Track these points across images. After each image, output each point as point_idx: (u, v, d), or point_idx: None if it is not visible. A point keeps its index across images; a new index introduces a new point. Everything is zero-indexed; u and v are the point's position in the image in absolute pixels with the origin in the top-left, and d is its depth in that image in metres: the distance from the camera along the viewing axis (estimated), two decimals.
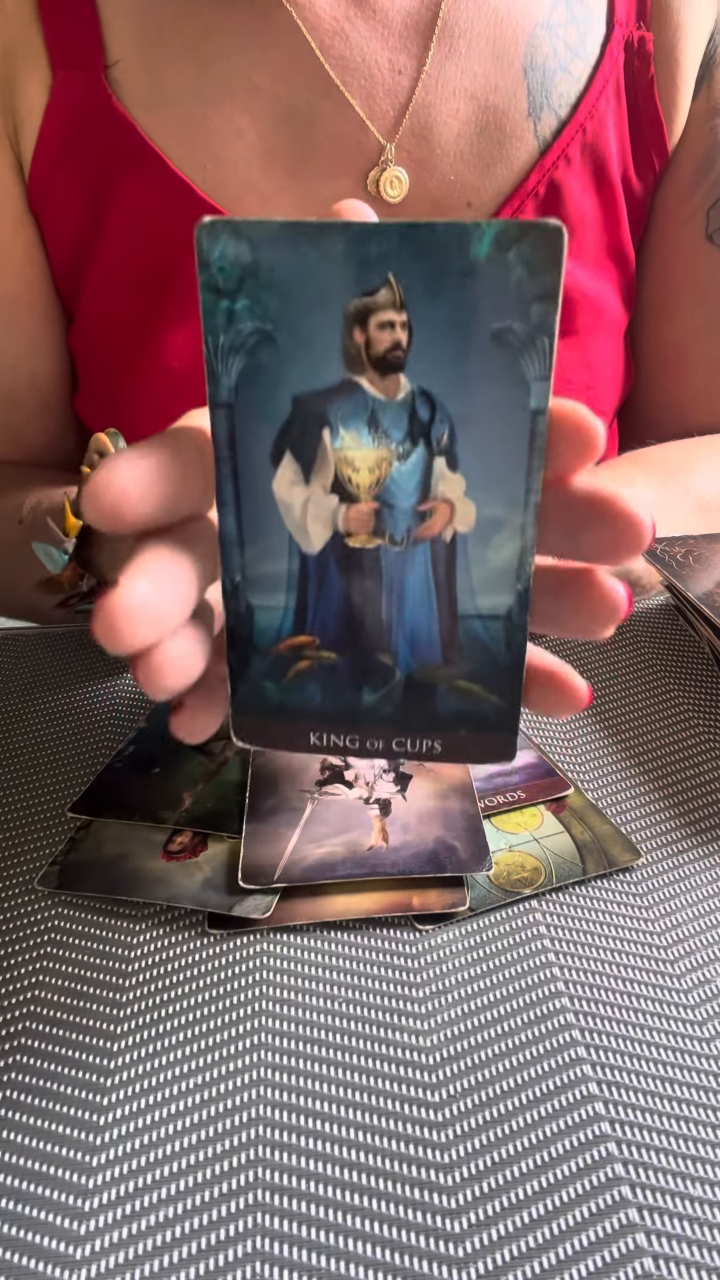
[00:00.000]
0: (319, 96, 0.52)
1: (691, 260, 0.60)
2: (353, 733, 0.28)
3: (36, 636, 0.51)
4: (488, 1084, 0.26)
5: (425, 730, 0.27)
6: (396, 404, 0.23)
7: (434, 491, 0.24)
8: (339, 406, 0.24)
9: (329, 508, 0.25)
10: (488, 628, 0.25)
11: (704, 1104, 0.26)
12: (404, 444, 0.24)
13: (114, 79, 0.52)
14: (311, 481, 0.24)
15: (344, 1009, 0.29)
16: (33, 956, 0.31)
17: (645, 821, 0.36)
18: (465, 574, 0.25)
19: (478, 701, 0.26)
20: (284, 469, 0.24)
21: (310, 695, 0.27)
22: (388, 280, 0.22)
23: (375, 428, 0.24)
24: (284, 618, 0.26)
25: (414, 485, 0.24)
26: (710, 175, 0.58)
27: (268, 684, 0.27)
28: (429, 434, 0.24)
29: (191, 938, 0.31)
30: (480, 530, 0.24)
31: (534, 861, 0.34)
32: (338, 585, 0.26)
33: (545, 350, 0.22)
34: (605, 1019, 0.28)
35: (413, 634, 0.26)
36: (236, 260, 0.22)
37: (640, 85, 0.56)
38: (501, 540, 0.24)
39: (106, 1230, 0.23)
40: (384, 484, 0.24)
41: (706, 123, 0.58)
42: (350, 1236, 0.23)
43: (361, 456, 0.24)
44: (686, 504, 0.53)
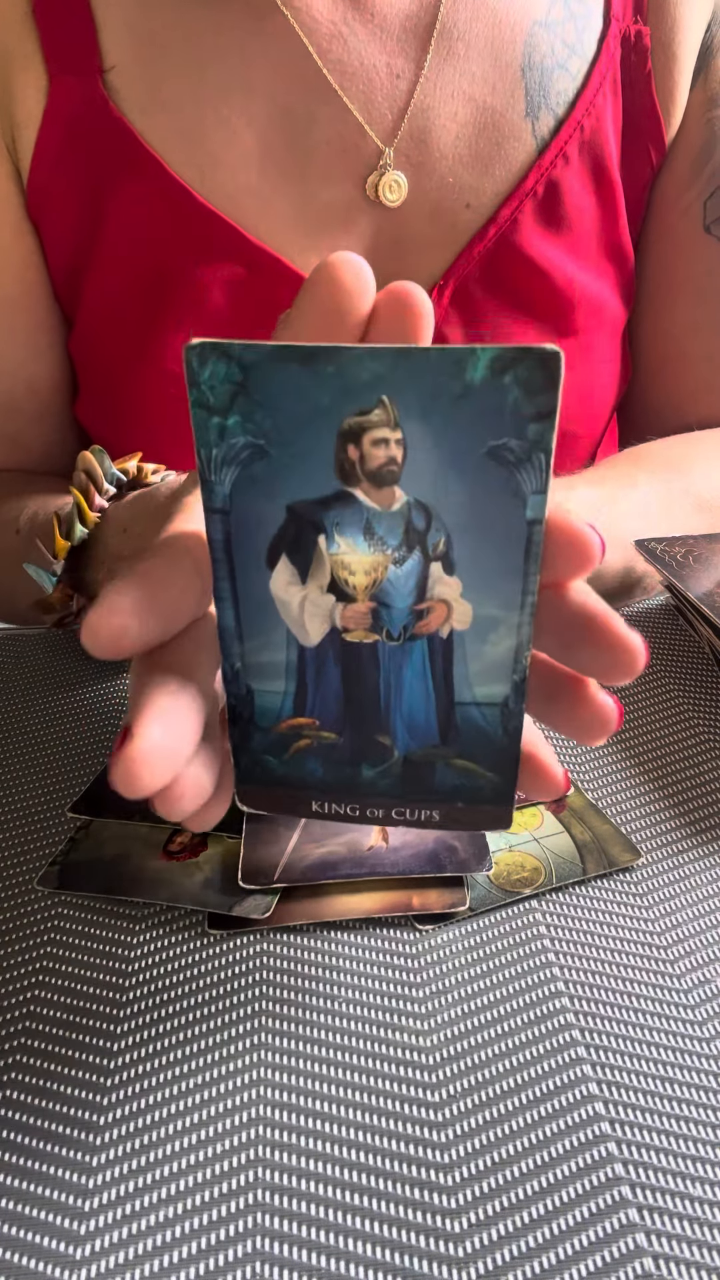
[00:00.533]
0: (317, 101, 0.52)
1: (690, 253, 0.60)
2: (353, 803, 0.28)
3: (36, 636, 0.51)
4: (488, 1084, 0.26)
5: (423, 802, 0.28)
6: (392, 514, 0.23)
7: (430, 593, 0.24)
8: (334, 515, 0.24)
9: (326, 606, 0.25)
10: (484, 714, 0.26)
11: (704, 1104, 0.26)
12: (400, 550, 0.24)
13: (111, 84, 0.52)
14: (308, 582, 0.25)
15: (344, 1009, 0.29)
16: (33, 956, 0.31)
17: (645, 821, 0.36)
18: (462, 666, 0.25)
19: (474, 778, 0.27)
20: (280, 570, 0.25)
21: (311, 769, 0.28)
22: (382, 401, 0.22)
23: (371, 535, 0.24)
24: (284, 701, 0.27)
25: (410, 587, 0.24)
26: (707, 167, 0.58)
27: (269, 758, 0.28)
28: (425, 542, 0.24)
29: (191, 938, 0.31)
30: (477, 628, 0.25)
31: (534, 861, 0.34)
32: (336, 675, 0.26)
33: (542, 466, 0.22)
34: (605, 1019, 0.28)
35: (410, 719, 0.26)
36: (227, 379, 0.22)
37: (637, 80, 0.56)
38: (498, 637, 0.24)
39: (106, 1230, 0.23)
40: (380, 586, 0.25)
41: (703, 114, 0.58)
42: (350, 1236, 0.23)
43: (357, 561, 0.24)
44: (687, 502, 0.53)
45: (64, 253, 0.56)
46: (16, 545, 0.50)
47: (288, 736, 0.27)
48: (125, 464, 0.45)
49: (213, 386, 0.22)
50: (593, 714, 0.25)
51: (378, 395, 0.22)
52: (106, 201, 0.53)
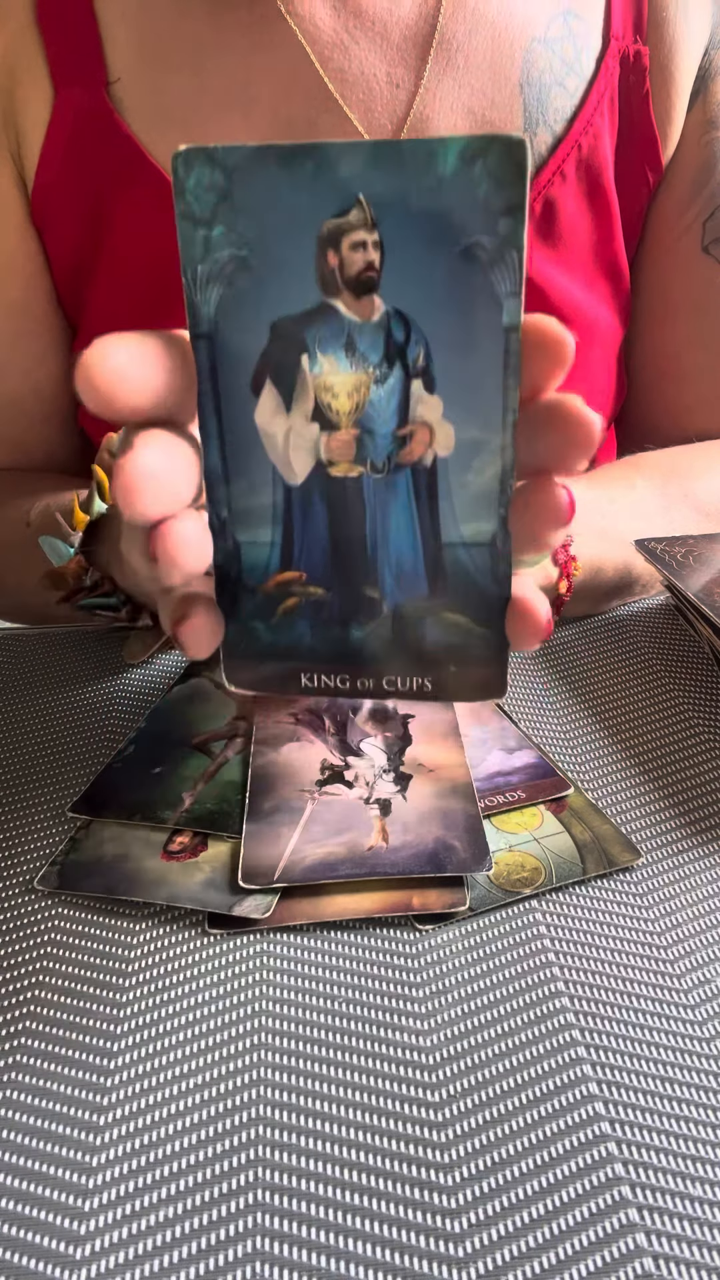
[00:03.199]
0: (318, 110, 0.52)
1: (688, 272, 0.60)
2: (343, 672, 0.28)
3: (36, 636, 0.51)
4: (488, 1084, 0.26)
5: (415, 667, 0.27)
6: (372, 325, 0.24)
7: (412, 415, 0.24)
8: (316, 331, 0.24)
9: (310, 437, 0.25)
10: (473, 556, 0.26)
11: (704, 1104, 0.26)
12: (381, 367, 0.24)
13: (115, 94, 0.52)
14: (293, 410, 0.25)
15: (344, 1009, 0.29)
16: (33, 956, 0.31)
17: (645, 821, 0.36)
18: (447, 500, 0.25)
19: (466, 634, 0.27)
20: (265, 398, 0.25)
21: (300, 634, 0.27)
22: (358, 200, 0.22)
23: (352, 351, 0.24)
24: (271, 553, 0.26)
25: (392, 409, 0.24)
26: (706, 188, 0.58)
27: (257, 624, 0.27)
28: (405, 355, 0.24)
29: (191, 938, 0.31)
30: (460, 453, 0.24)
31: (534, 861, 0.34)
32: (322, 517, 0.26)
33: (515, 265, 0.22)
34: (605, 1019, 0.28)
35: (398, 565, 0.26)
36: (212, 186, 0.22)
37: (635, 99, 0.56)
38: (482, 463, 0.24)
39: (106, 1230, 0.23)
40: (363, 409, 0.25)
41: (701, 136, 0.58)
42: (350, 1236, 0.23)
43: (340, 381, 0.24)
44: (686, 506, 0.53)
45: (68, 259, 0.56)
46: (26, 538, 0.50)
47: (275, 596, 0.27)
48: None
49: (198, 195, 0.23)
50: (551, 501, 0.25)
51: (355, 194, 0.22)
52: (110, 210, 0.54)
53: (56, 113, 0.52)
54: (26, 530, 0.50)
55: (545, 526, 0.25)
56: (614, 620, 0.50)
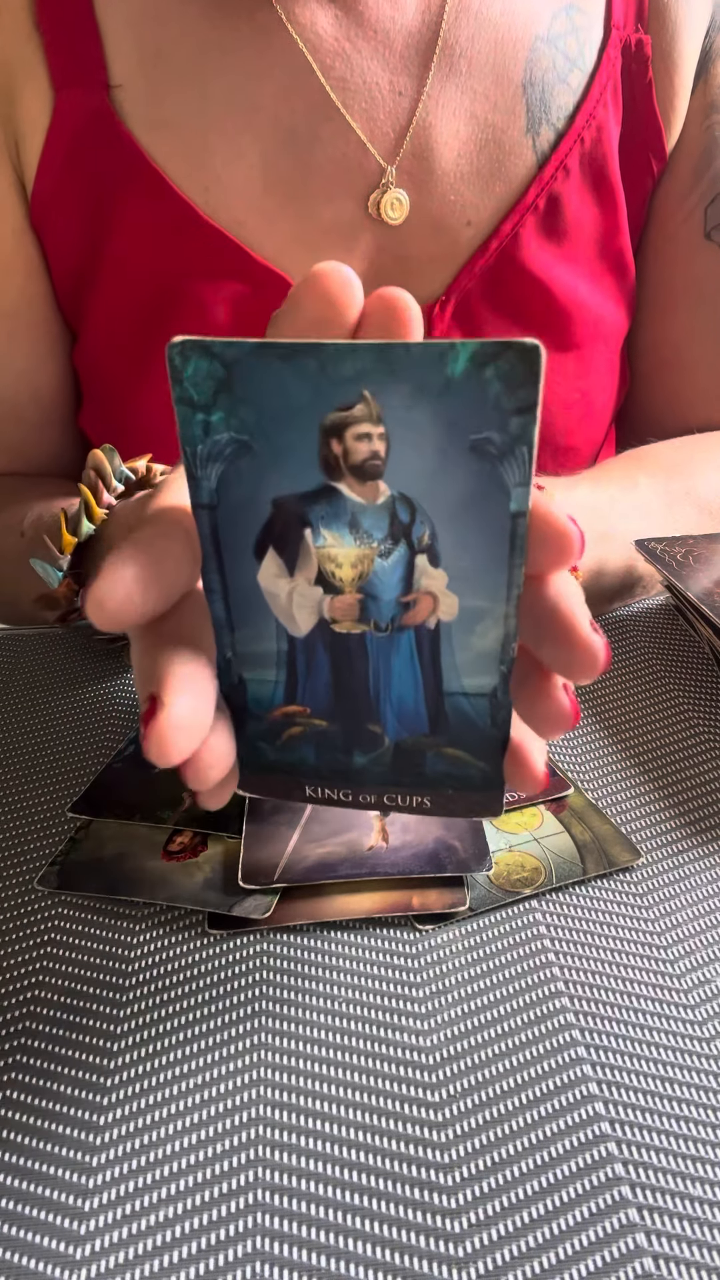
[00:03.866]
0: (320, 119, 0.52)
1: (690, 259, 0.60)
2: (346, 788, 0.28)
3: (36, 636, 0.51)
4: (488, 1084, 0.26)
5: (415, 788, 0.28)
6: (376, 507, 0.24)
7: (417, 584, 0.25)
8: (319, 509, 0.24)
9: (314, 598, 0.25)
10: (473, 704, 0.26)
11: (704, 1104, 0.26)
12: (385, 543, 0.24)
13: (117, 98, 0.52)
14: (296, 574, 0.25)
15: (344, 1009, 0.29)
16: (33, 956, 0.31)
17: (645, 821, 0.36)
18: (450, 657, 0.25)
19: (464, 766, 0.27)
20: (268, 563, 0.25)
21: (305, 756, 0.28)
22: (363, 396, 0.22)
23: (356, 529, 0.24)
24: (276, 689, 0.27)
25: (397, 579, 0.25)
26: (708, 173, 0.58)
27: (263, 745, 0.28)
28: (410, 534, 0.24)
29: (191, 938, 0.31)
30: (464, 619, 0.25)
31: (534, 861, 0.34)
32: (325, 664, 0.26)
33: (525, 459, 0.22)
34: (605, 1019, 0.28)
35: (400, 708, 0.27)
36: (210, 376, 0.22)
37: (638, 89, 0.56)
38: (485, 628, 0.25)
39: (106, 1230, 0.23)
40: (367, 578, 0.25)
41: (703, 120, 0.58)
42: (350, 1236, 0.23)
43: (344, 554, 0.24)
44: (689, 504, 0.53)
45: (68, 264, 0.56)
46: (20, 547, 0.50)
47: (280, 724, 0.27)
48: (135, 463, 0.45)
49: (196, 383, 0.22)
50: (552, 709, 0.25)
51: (359, 390, 0.22)
52: (111, 215, 0.54)
53: (57, 116, 0.52)
54: (20, 540, 0.50)
55: (547, 729, 0.26)
56: (614, 620, 0.50)
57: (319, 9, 0.51)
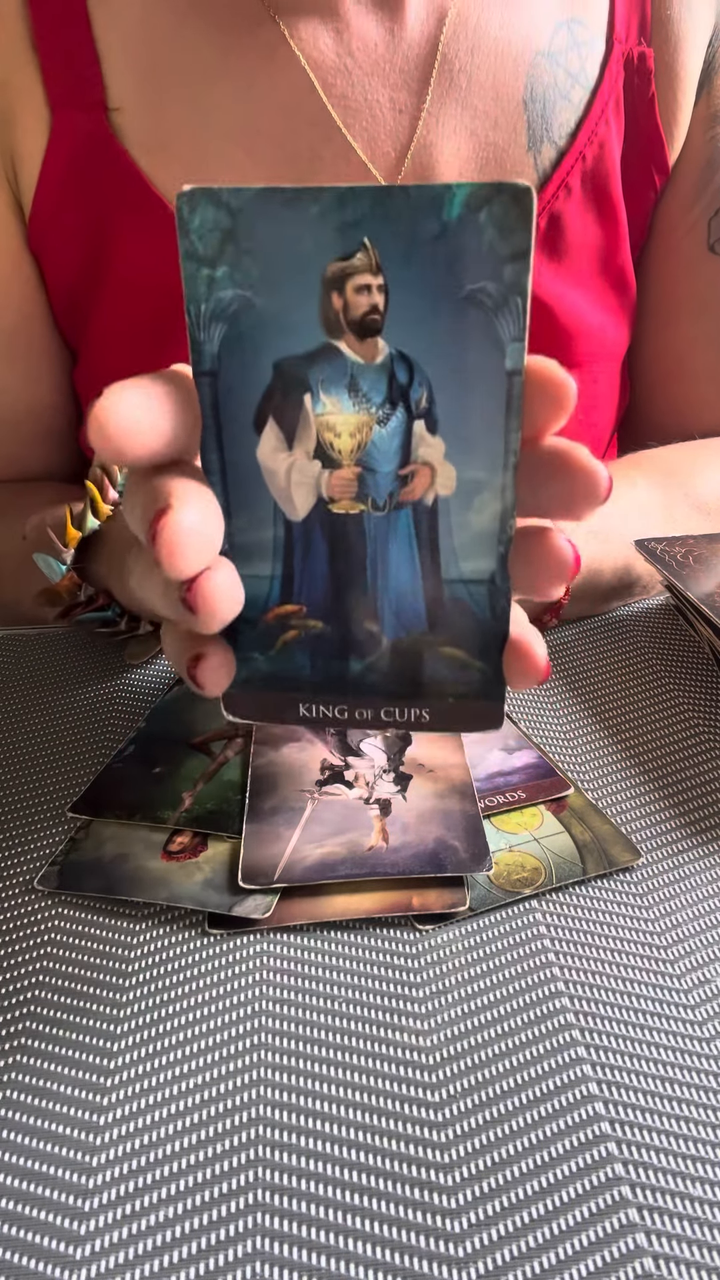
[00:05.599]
0: (320, 139, 0.52)
1: (693, 271, 0.59)
2: (341, 703, 0.28)
3: (36, 636, 0.51)
4: (488, 1084, 0.26)
5: (413, 699, 0.28)
6: (375, 367, 0.24)
7: (414, 455, 0.25)
8: (319, 371, 0.24)
9: (312, 473, 0.25)
10: (472, 592, 0.26)
11: (704, 1104, 0.26)
12: (384, 408, 0.24)
13: (115, 120, 0.52)
14: (294, 448, 0.25)
15: (344, 1009, 0.29)
16: (33, 956, 0.31)
17: (645, 821, 0.36)
18: (448, 538, 0.25)
19: (464, 668, 0.27)
20: (267, 436, 0.25)
21: (299, 665, 0.27)
22: (363, 244, 0.22)
23: (355, 392, 0.24)
24: (271, 586, 0.26)
25: (395, 449, 0.25)
26: (711, 185, 0.57)
27: (256, 655, 0.27)
28: (408, 397, 0.24)
29: (191, 938, 0.31)
30: (461, 493, 0.25)
31: (534, 861, 0.34)
32: (323, 552, 0.26)
33: (519, 311, 0.22)
34: (605, 1019, 0.28)
35: (398, 600, 0.26)
36: (216, 226, 0.22)
37: (640, 103, 0.56)
38: (483, 502, 0.25)
39: (106, 1230, 0.23)
40: (365, 449, 0.25)
41: (706, 131, 0.57)
42: (350, 1236, 0.23)
43: (343, 421, 0.24)
44: (687, 505, 0.53)
45: (66, 285, 0.56)
46: (22, 550, 0.50)
47: (275, 628, 0.27)
48: None
49: (202, 235, 0.23)
50: (553, 557, 0.25)
51: (360, 238, 0.22)
52: (110, 236, 0.53)
53: (54, 137, 0.52)
54: (23, 544, 0.50)
55: (546, 580, 0.26)
56: (614, 620, 0.50)
57: (320, 25, 0.51)
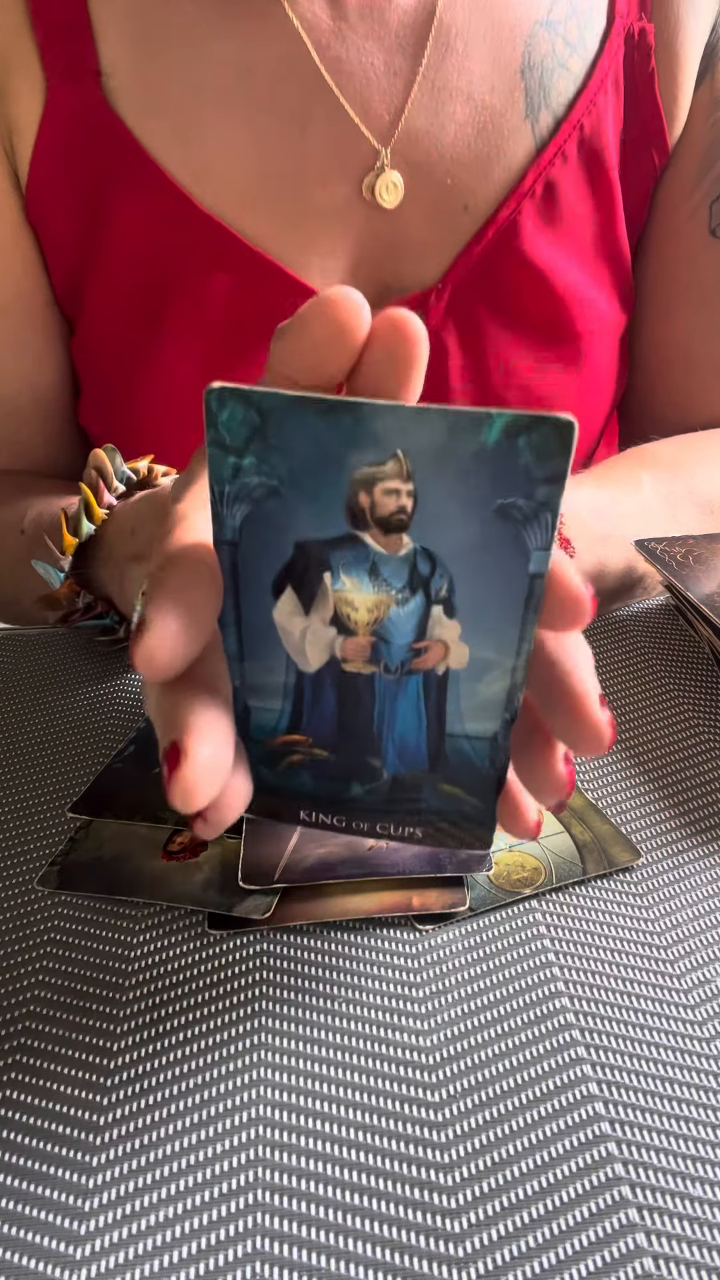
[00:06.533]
0: (313, 100, 0.52)
1: (694, 257, 0.59)
2: (340, 815, 0.29)
3: (36, 636, 0.51)
4: (488, 1084, 0.26)
5: (408, 820, 0.29)
6: (398, 559, 0.24)
7: (430, 633, 0.25)
8: (341, 555, 0.24)
9: (327, 637, 0.25)
10: (474, 747, 0.26)
11: (704, 1104, 0.26)
12: (403, 592, 0.24)
13: (108, 87, 0.52)
14: (311, 614, 0.25)
15: (344, 1009, 0.29)
16: (33, 956, 0.31)
17: (645, 821, 0.36)
18: (455, 703, 0.26)
19: (460, 802, 0.28)
20: (284, 601, 0.25)
21: (302, 782, 0.28)
22: (396, 454, 0.22)
23: (376, 576, 0.24)
24: (280, 719, 0.27)
25: (411, 626, 0.25)
26: (713, 170, 0.57)
27: (262, 768, 0.28)
28: (428, 586, 0.24)
29: (191, 938, 0.31)
30: (473, 668, 0.25)
31: (534, 861, 0.34)
32: (332, 700, 0.27)
33: (548, 524, 0.22)
34: (605, 1019, 0.28)
35: (401, 745, 0.27)
36: (245, 423, 0.22)
37: (640, 79, 0.56)
38: (492, 678, 0.25)
39: (106, 1230, 0.23)
40: (381, 623, 0.25)
41: (709, 116, 0.57)
42: (350, 1236, 0.23)
43: (361, 599, 0.25)
44: (691, 503, 0.53)
45: (65, 256, 0.56)
46: (21, 545, 0.50)
47: (281, 750, 0.28)
48: (136, 464, 0.45)
49: (230, 428, 0.23)
50: (550, 779, 0.26)
51: (392, 449, 0.22)
52: (106, 206, 0.53)
53: (49, 107, 0.52)
54: (21, 538, 0.50)
55: (541, 798, 0.26)
56: (614, 620, 0.50)
57: None
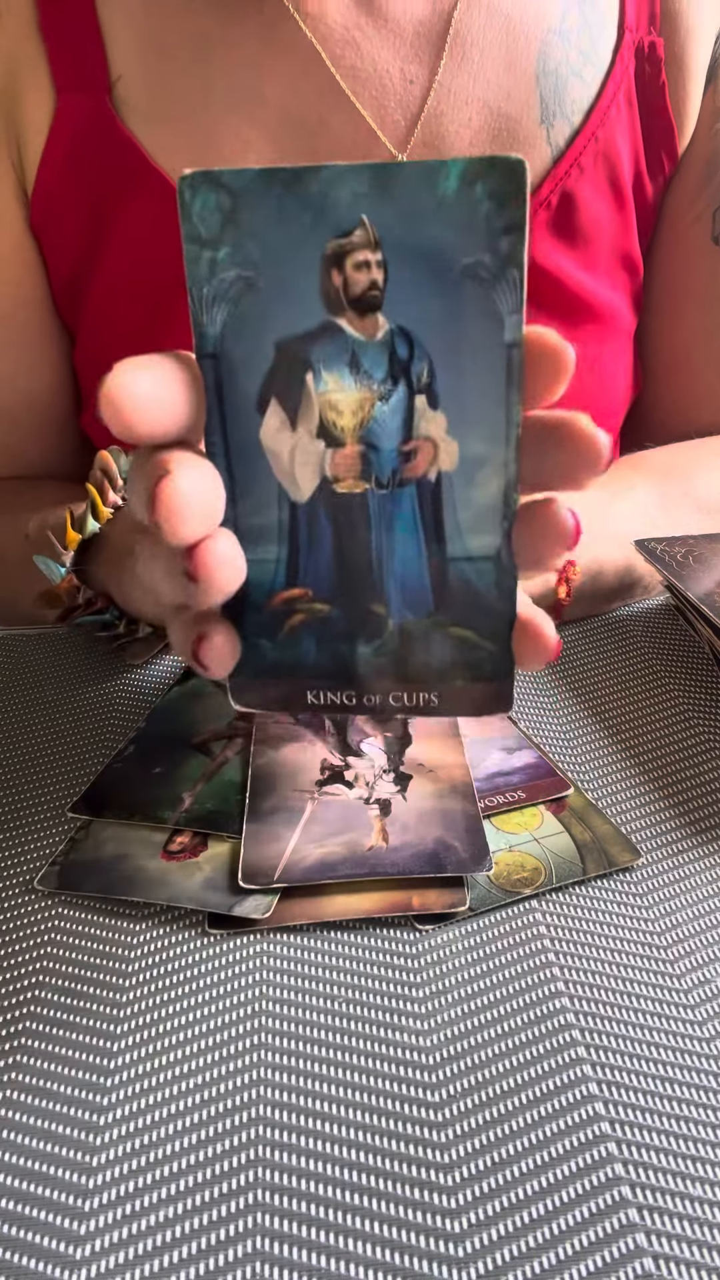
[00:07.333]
0: (329, 108, 0.52)
1: (698, 262, 0.60)
2: (349, 689, 0.28)
3: (36, 636, 0.51)
4: (488, 1084, 0.26)
5: (421, 682, 0.27)
6: (376, 344, 0.24)
7: (417, 431, 0.25)
8: (321, 349, 0.24)
9: (315, 453, 0.25)
10: (478, 570, 0.26)
11: (704, 1104, 0.26)
12: (385, 384, 0.24)
13: (118, 95, 0.52)
14: (297, 427, 0.25)
15: (344, 1009, 0.29)
16: (33, 956, 0.31)
17: (645, 821, 0.36)
18: (452, 514, 0.25)
19: (472, 649, 0.27)
20: (270, 416, 0.25)
21: (305, 650, 0.27)
22: (361, 221, 0.22)
23: (357, 369, 0.24)
24: (276, 571, 0.27)
25: (397, 425, 0.25)
26: (716, 178, 0.58)
27: (263, 641, 0.27)
28: (409, 372, 0.24)
29: (191, 938, 0.31)
30: (464, 468, 0.25)
31: (534, 861, 0.34)
32: (328, 533, 0.26)
33: (516, 283, 0.23)
34: (605, 1019, 0.28)
35: (404, 581, 0.26)
36: (217, 208, 0.23)
37: (651, 91, 0.56)
38: (485, 477, 0.25)
39: (106, 1230, 0.23)
40: (368, 426, 0.25)
41: (712, 125, 0.58)
42: (350, 1236, 0.23)
43: (344, 399, 0.24)
44: (687, 505, 0.53)
45: (66, 265, 0.56)
46: (23, 550, 0.50)
47: (281, 613, 0.27)
48: None
49: (204, 217, 0.23)
50: (554, 524, 0.25)
51: (358, 215, 0.22)
52: (110, 216, 0.53)
53: (58, 118, 0.52)
54: (24, 543, 0.50)
55: (549, 549, 0.26)
56: (614, 620, 0.50)
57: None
